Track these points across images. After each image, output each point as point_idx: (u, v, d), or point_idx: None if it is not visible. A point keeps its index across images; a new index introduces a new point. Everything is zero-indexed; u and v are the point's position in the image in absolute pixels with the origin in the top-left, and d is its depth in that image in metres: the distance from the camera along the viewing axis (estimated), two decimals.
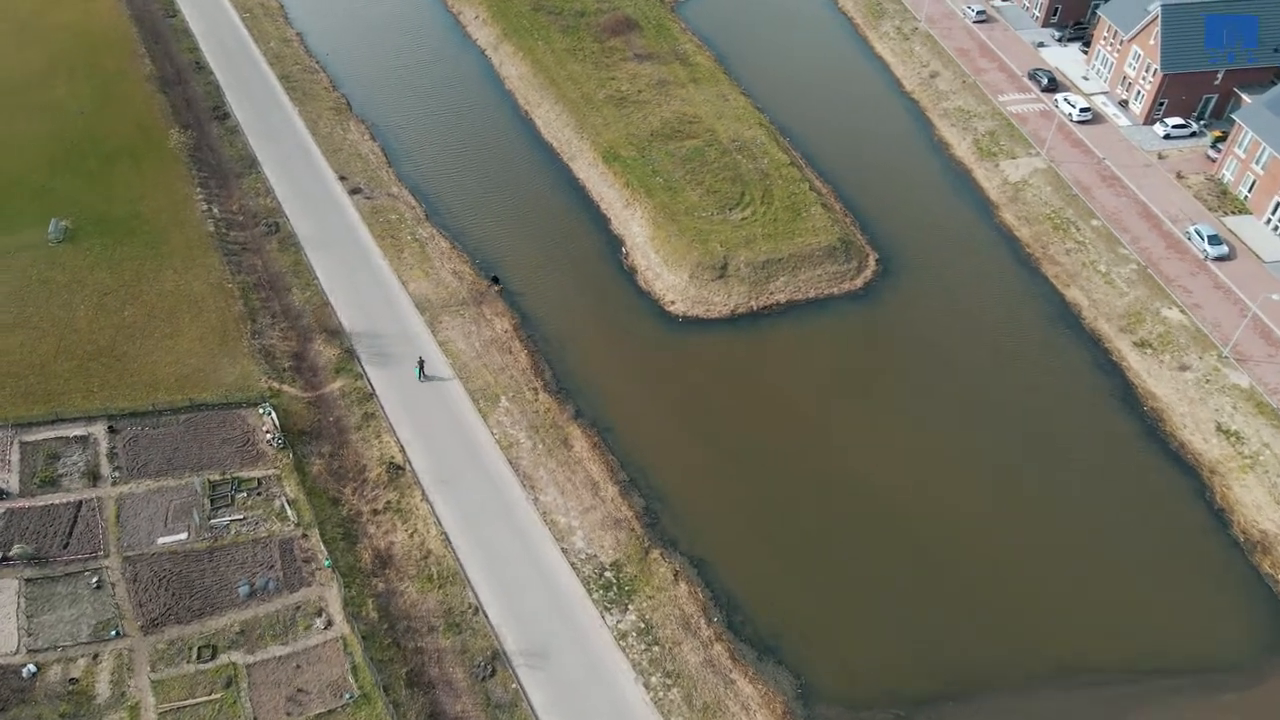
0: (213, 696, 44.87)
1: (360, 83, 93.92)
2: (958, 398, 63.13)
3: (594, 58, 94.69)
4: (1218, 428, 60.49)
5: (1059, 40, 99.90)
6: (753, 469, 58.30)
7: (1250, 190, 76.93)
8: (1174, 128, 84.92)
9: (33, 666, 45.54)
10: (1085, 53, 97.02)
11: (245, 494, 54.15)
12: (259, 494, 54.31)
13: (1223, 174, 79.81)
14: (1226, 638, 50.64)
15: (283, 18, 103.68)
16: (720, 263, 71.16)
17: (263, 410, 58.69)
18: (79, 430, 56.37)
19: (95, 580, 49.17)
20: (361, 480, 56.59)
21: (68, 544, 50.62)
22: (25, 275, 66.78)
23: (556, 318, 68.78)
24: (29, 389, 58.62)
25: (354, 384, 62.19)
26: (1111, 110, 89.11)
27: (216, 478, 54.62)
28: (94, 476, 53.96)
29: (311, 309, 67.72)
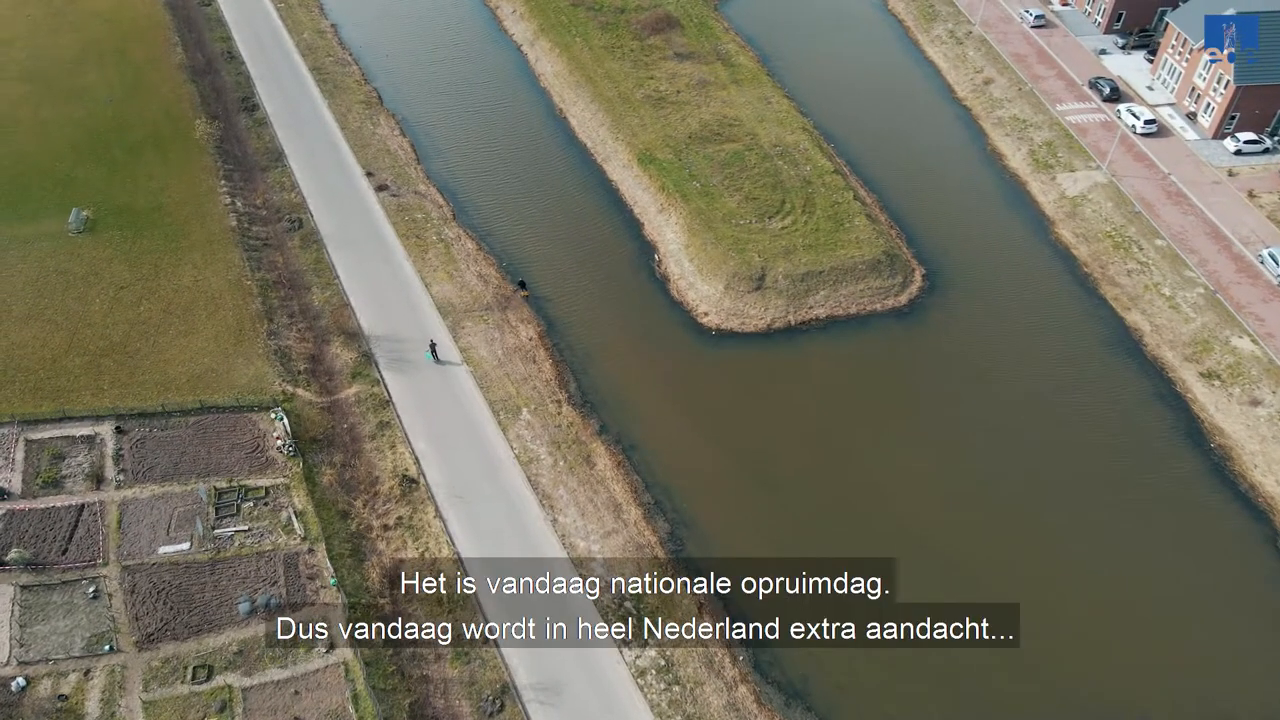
0: None
1: (392, 76, 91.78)
2: (1007, 428, 59.09)
3: (633, 56, 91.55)
4: None
5: (1122, 48, 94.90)
6: (785, 496, 54.82)
7: None
8: (1246, 143, 79.96)
9: (22, 680, 43.57)
10: (1150, 61, 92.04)
11: (252, 503, 51.82)
12: (266, 504, 51.96)
13: None
14: None
15: (318, 9, 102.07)
16: (757, 274, 67.67)
17: (275, 415, 56.39)
18: (86, 430, 54.49)
19: (92, 590, 47.13)
20: (373, 493, 54.03)
21: (66, 550, 48.67)
22: (43, 265, 65.30)
23: (583, 326, 65.79)
24: (38, 384, 56.98)
25: (370, 390, 59.70)
26: (1178, 123, 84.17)
27: (223, 485, 52.38)
28: (98, 479, 52.00)
29: (330, 309, 65.38)
